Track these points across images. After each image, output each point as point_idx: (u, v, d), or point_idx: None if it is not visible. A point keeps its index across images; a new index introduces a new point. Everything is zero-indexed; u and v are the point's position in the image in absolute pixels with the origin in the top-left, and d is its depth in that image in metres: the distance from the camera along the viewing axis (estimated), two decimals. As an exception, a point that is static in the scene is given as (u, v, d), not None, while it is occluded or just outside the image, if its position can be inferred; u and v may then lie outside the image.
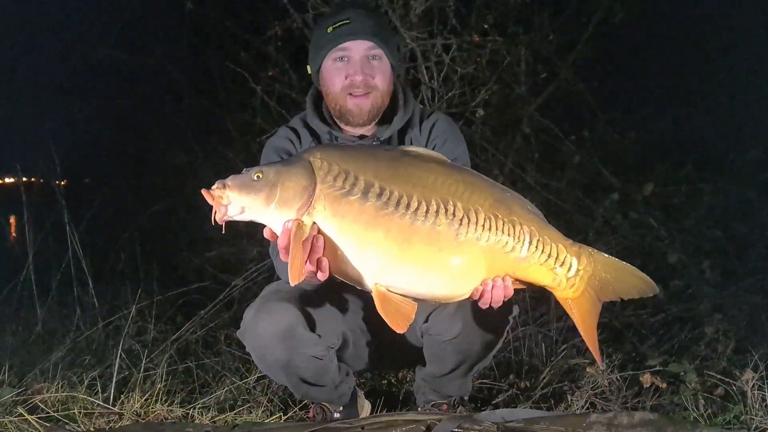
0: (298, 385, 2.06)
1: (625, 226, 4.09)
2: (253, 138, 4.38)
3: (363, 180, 1.57)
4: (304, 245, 1.54)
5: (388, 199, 1.56)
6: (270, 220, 1.59)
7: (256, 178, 1.56)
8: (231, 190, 1.55)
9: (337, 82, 1.98)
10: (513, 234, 1.62)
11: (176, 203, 4.83)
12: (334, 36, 1.95)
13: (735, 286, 3.75)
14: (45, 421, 2.08)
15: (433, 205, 1.57)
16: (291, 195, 1.55)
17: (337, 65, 1.98)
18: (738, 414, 2.14)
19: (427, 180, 1.61)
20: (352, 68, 1.95)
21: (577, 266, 1.67)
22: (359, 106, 1.98)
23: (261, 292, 2.08)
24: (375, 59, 1.97)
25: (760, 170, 4.66)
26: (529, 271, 1.66)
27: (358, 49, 1.95)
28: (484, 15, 3.87)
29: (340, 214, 1.56)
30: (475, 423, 1.86)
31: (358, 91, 1.96)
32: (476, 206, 1.60)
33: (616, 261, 1.72)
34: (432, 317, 1.99)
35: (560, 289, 1.69)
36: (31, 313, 3.47)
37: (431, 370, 2.13)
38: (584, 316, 1.72)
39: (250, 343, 2.00)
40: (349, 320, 2.12)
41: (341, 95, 1.98)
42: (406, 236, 1.56)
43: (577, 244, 1.69)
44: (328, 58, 1.98)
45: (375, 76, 1.96)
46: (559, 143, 4.33)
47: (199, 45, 4.97)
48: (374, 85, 1.97)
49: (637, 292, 1.73)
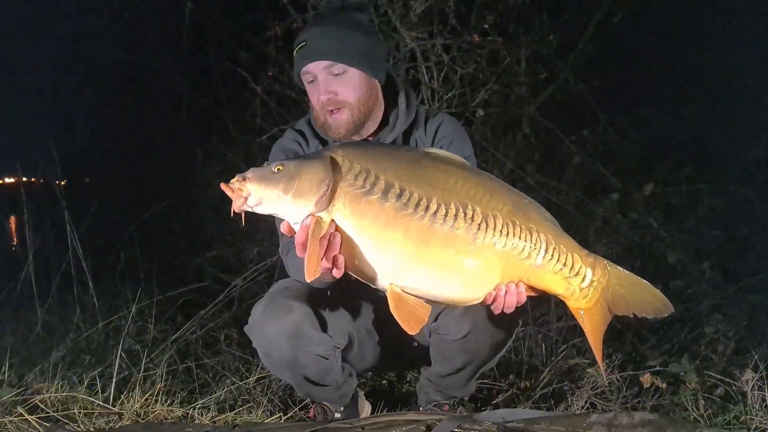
0: (302, 383, 2.06)
1: (625, 226, 4.09)
2: (253, 138, 4.38)
3: (384, 180, 1.58)
4: (321, 242, 1.54)
5: (407, 200, 1.57)
6: (286, 212, 1.59)
7: (276, 171, 1.57)
8: (251, 182, 1.55)
9: (314, 101, 1.99)
10: (530, 241, 1.62)
11: (176, 203, 4.82)
12: (297, 60, 1.97)
13: (735, 286, 3.74)
14: (45, 421, 2.08)
15: (452, 208, 1.58)
16: (307, 187, 1.56)
17: (309, 87, 1.99)
18: (738, 414, 2.14)
19: (447, 183, 1.61)
20: (317, 89, 1.96)
21: (591, 277, 1.68)
22: (337, 121, 1.97)
23: (269, 289, 2.09)
24: (338, 74, 1.94)
25: (760, 170, 4.66)
26: (544, 278, 1.66)
27: (318, 70, 1.94)
28: (484, 15, 3.86)
29: (360, 213, 1.56)
30: (475, 423, 1.86)
31: (332, 107, 1.96)
32: (494, 211, 1.61)
33: (631, 275, 1.72)
34: (441, 316, 2.00)
35: (573, 299, 1.70)
36: (31, 313, 3.46)
37: (437, 370, 2.13)
38: (595, 327, 1.73)
39: (256, 340, 2.01)
40: (356, 321, 2.12)
41: (321, 113, 1.99)
42: (424, 238, 1.57)
43: (592, 255, 1.70)
44: (301, 80, 2.00)
45: (339, 93, 1.95)
46: (559, 143, 4.33)
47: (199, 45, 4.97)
48: (342, 100, 1.95)
49: (651, 310, 1.73)
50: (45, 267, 3.66)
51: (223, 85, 4.87)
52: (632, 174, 4.44)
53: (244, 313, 3.40)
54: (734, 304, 3.56)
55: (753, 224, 4.37)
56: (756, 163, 4.81)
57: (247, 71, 4.16)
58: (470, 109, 3.78)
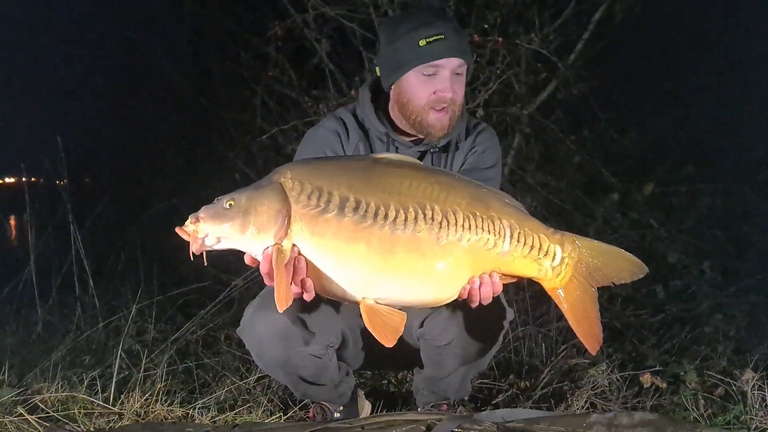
0: (297, 383, 2.05)
1: (625, 226, 4.09)
2: (253, 138, 4.38)
3: (337, 195, 1.55)
4: (287, 269, 1.52)
5: (365, 212, 1.54)
6: (248, 247, 1.57)
7: (228, 207, 1.55)
8: (204, 222, 1.54)
9: (422, 95, 1.95)
10: (493, 230, 1.61)
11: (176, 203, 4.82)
12: (427, 51, 1.92)
13: (735, 286, 3.75)
14: (45, 421, 2.07)
15: (411, 211, 1.56)
16: (265, 220, 1.53)
17: (425, 79, 1.94)
18: (738, 414, 2.15)
19: (402, 186, 1.60)
20: (441, 84, 1.93)
21: (562, 254, 1.66)
22: (440, 120, 1.96)
23: (261, 291, 2.08)
24: (460, 75, 1.96)
25: (760, 170, 4.66)
26: (514, 264, 1.65)
27: (450, 66, 1.93)
28: (484, 15, 3.86)
29: (319, 233, 1.54)
30: (475, 423, 1.86)
31: (444, 105, 1.95)
32: (454, 207, 1.59)
33: (600, 244, 1.71)
34: (427, 322, 1.99)
35: (547, 280, 1.68)
36: (31, 312, 3.46)
37: (429, 373, 2.13)
38: (574, 305, 1.70)
39: (248, 342, 2.00)
40: (349, 319, 2.11)
41: (424, 109, 1.95)
42: (388, 247, 1.55)
43: (559, 232, 1.68)
44: (417, 69, 1.95)
45: (458, 94, 1.96)
46: (559, 143, 4.33)
47: (199, 45, 4.98)
48: (455, 101, 1.96)
49: (628, 275, 1.71)
50: (45, 267, 3.66)
51: (223, 85, 4.88)
52: (632, 174, 4.44)
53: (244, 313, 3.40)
54: (734, 304, 3.57)
55: (753, 224, 4.37)
56: (756, 163, 4.81)
57: (247, 71, 4.16)
58: (470, 109, 3.78)
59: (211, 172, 4.92)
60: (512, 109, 4.04)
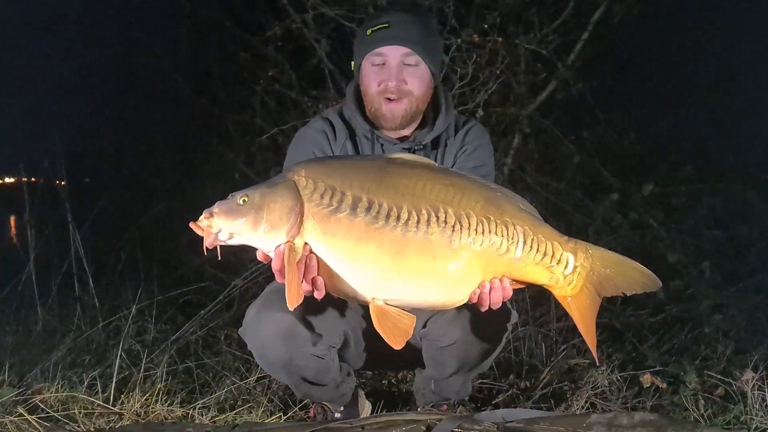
0: (299, 384, 2.06)
1: (624, 226, 4.09)
2: (253, 138, 4.38)
3: (350, 195, 1.55)
4: (298, 266, 1.52)
5: (377, 213, 1.54)
6: (260, 243, 1.57)
7: (242, 203, 1.55)
8: (218, 217, 1.54)
9: (373, 85, 1.98)
10: (506, 235, 1.60)
11: (176, 203, 4.82)
12: (372, 39, 1.95)
13: (735, 286, 3.75)
14: (45, 421, 2.08)
15: (423, 213, 1.56)
16: (278, 217, 1.54)
17: (374, 69, 1.97)
18: (738, 414, 2.15)
19: (416, 188, 1.59)
20: (386, 74, 1.95)
21: (574, 263, 1.65)
22: (392, 110, 1.98)
23: (263, 290, 2.08)
24: (411, 65, 1.96)
25: (760, 170, 4.66)
26: (526, 270, 1.64)
27: (394, 55, 1.94)
28: (484, 15, 3.86)
29: (331, 232, 1.54)
30: (475, 423, 1.86)
31: (392, 96, 1.96)
32: (467, 210, 1.59)
33: (614, 255, 1.70)
34: (430, 323, 1.99)
35: (558, 287, 1.67)
36: (31, 312, 3.46)
37: (431, 374, 2.13)
38: (583, 313, 1.70)
39: (251, 342, 2.01)
40: (351, 319, 2.11)
41: (377, 98, 1.98)
42: (399, 248, 1.54)
43: (573, 240, 1.67)
44: (366, 60, 1.98)
45: (408, 82, 1.96)
46: (559, 143, 4.33)
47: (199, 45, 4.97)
48: (408, 90, 1.96)
49: (639, 287, 1.70)
50: (45, 267, 3.66)
51: (223, 86, 4.87)
52: (632, 174, 4.43)
53: (244, 313, 3.40)
54: (734, 304, 3.57)
55: (753, 224, 4.37)
56: (756, 163, 4.80)
57: (247, 71, 4.15)
58: (470, 109, 3.78)
59: (210, 172, 4.92)
60: (512, 110, 4.04)
